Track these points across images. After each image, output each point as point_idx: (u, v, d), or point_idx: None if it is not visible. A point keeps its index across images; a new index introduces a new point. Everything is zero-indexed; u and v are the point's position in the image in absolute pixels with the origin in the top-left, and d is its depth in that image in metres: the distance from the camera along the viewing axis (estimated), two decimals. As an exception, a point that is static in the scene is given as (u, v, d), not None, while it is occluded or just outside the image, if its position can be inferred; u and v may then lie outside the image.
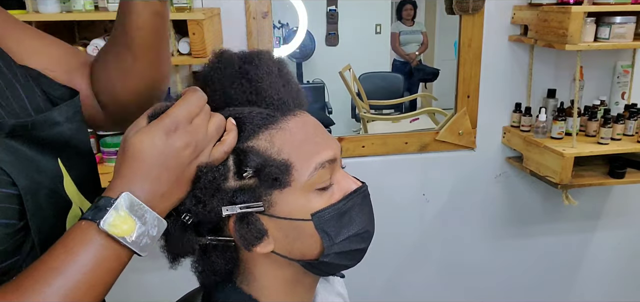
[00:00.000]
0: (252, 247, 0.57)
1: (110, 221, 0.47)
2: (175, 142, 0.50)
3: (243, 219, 0.56)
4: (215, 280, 0.61)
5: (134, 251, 0.49)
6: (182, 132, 0.50)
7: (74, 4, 1.37)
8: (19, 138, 0.51)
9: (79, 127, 0.60)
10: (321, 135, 0.59)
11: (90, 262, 0.46)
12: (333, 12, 4.17)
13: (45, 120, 0.54)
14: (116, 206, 0.47)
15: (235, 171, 0.55)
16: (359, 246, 0.61)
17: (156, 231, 0.50)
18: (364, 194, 0.61)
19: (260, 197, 0.55)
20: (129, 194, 0.48)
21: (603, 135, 1.68)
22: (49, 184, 0.53)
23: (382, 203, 1.92)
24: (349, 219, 0.59)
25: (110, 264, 0.48)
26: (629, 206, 2.15)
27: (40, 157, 0.53)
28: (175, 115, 0.50)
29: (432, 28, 4.50)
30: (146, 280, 1.67)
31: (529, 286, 2.21)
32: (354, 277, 0.92)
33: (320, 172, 0.56)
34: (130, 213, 0.48)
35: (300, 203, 0.56)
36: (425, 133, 1.91)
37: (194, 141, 0.51)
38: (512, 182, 2.00)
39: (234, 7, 1.64)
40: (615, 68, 1.90)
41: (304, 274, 0.62)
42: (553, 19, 1.56)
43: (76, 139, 0.59)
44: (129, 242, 0.48)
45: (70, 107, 0.58)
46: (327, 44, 4.23)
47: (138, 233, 0.48)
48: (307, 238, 0.57)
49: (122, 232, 0.47)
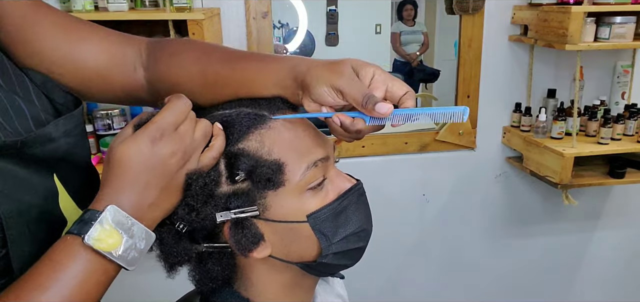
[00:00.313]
0: (248, 252, 0.56)
1: (95, 235, 0.45)
2: (162, 149, 0.49)
3: (238, 224, 0.55)
4: (212, 287, 0.60)
5: (121, 265, 0.47)
6: (168, 139, 0.49)
7: (74, 4, 1.37)
8: (9, 157, 0.48)
9: (77, 141, 0.57)
10: (312, 134, 0.58)
11: (76, 278, 0.45)
12: (333, 12, 4.17)
13: (38, 138, 0.51)
14: (101, 220, 0.46)
15: (227, 176, 0.54)
16: (357, 245, 0.60)
17: (144, 243, 0.49)
18: (359, 192, 0.60)
19: (255, 201, 0.54)
20: (114, 207, 0.46)
21: (603, 135, 1.68)
22: (40, 204, 0.51)
23: (382, 203, 1.93)
24: (346, 218, 0.58)
25: (97, 278, 0.46)
26: (629, 206, 2.15)
27: (33, 175, 0.51)
28: (160, 123, 0.49)
29: (432, 28, 4.50)
30: (146, 280, 1.67)
31: (529, 286, 2.21)
32: (353, 278, 0.92)
33: (313, 171, 0.55)
34: (116, 226, 0.46)
35: (294, 205, 0.55)
36: (425, 133, 1.91)
37: (180, 148, 0.50)
38: (512, 182, 2.00)
39: (234, 7, 1.64)
40: (615, 68, 1.90)
41: (302, 276, 0.61)
42: (553, 19, 1.56)
43: (74, 153, 0.57)
44: (115, 256, 0.46)
45: (69, 120, 0.56)
46: (327, 44, 4.23)
47: (125, 247, 0.47)
48: (304, 240, 0.57)
49: (108, 247, 0.46)
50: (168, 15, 1.37)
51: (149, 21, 1.48)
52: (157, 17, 1.38)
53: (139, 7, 1.47)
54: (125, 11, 1.38)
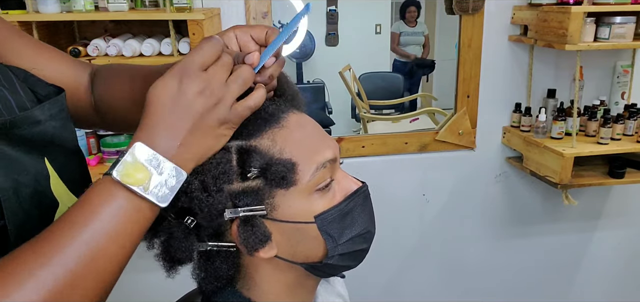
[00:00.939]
0: (254, 251, 0.56)
1: (122, 170, 0.46)
2: (187, 87, 0.48)
3: (247, 222, 0.55)
4: (216, 286, 0.60)
5: (153, 201, 0.47)
6: (193, 77, 0.48)
7: (74, 4, 1.37)
8: (0, 138, 0.50)
9: (63, 124, 0.58)
10: (320, 135, 0.59)
11: (108, 214, 0.45)
12: (333, 12, 4.17)
13: (25, 119, 0.52)
14: (127, 156, 0.46)
15: (239, 172, 0.54)
16: (362, 247, 0.61)
17: (175, 180, 0.48)
18: (365, 194, 0.61)
19: (263, 201, 0.55)
20: (140, 144, 0.47)
21: (603, 135, 1.68)
22: (32, 184, 0.52)
23: (382, 203, 1.92)
24: (352, 220, 0.59)
25: (130, 215, 0.47)
26: (628, 206, 2.15)
27: (24, 157, 0.52)
28: (186, 62, 0.49)
29: (432, 28, 4.50)
30: (146, 280, 1.67)
31: (529, 286, 2.21)
32: (354, 278, 0.92)
33: (322, 172, 0.56)
34: (144, 162, 0.47)
35: (302, 206, 0.56)
36: (425, 133, 1.91)
37: (208, 88, 0.49)
38: (512, 182, 2.00)
39: (234, 7, 1.64)
40: (615, 68, 1.90)
41: (306, 277, 0.62)
42: (553, 19, 1.56)
43: (61, 137, 0.58)
44: (144, 192, 0.47)
45: (54, 104, 0.57)
46: (327, 44, 4.23)
47: (154, 183, 0.47)
48: (311, 241, 0.57)
49: (136, 181, 0.46)
50: (168, 15, 1.38)
51: (149, 21, 1.48)
52: (157, 17, 1.38)
53: (139, 7, 1.47)
54: (125, 11, 1.39)
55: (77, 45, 1.42)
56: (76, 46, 1.41)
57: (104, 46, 1.43)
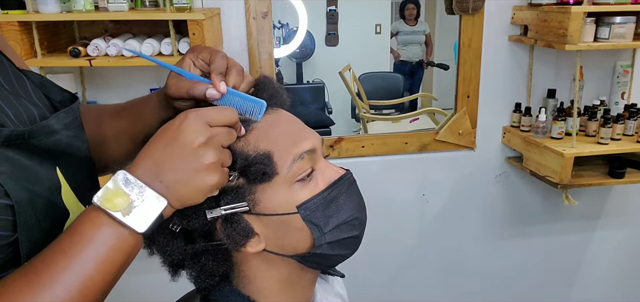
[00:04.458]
0: (240, 247, 0.57)
1: (101, 195, 0.48)
2: (188, 122, 0.50)
3: (227, 219, 0.56)
4: (211, 284, 0.61)
5: (130, 226, 0.48)
6: (198, 121, 0.51)
7: (74, 4, 1.37)
8: (16, 147, 0.50)
9: (76, 134, 0.60)
10: (298, 128, 0.60)
11: (90, 241, 0.47)
12: (333, 12, 4.17)
13: (42, 129, 0.53)
14: (110, 182, 0.48)
15: None
16: (351, 234, 0.61)
17: (155, 209, 0.49)
18: (349, 181, 0.61)
19: (244, 197, 0.56)
20: (124, 171, 0.49)
21: (603, 135, 1.68)
22: (46, 194, 0.53)
23: (382, 203, 1.93)
24: (337, 207, 0.59)
25: (112, 243, 0.47)
26: (628, 206, 2.15)
27: (38, 166, 0.53)
28: (202, 110, 0.52)
29: (432, 28, 4.50)
30: (146, 280, 1.67)
31: (529, 285, 2.21)
32: (353, 277, 0.92)
33: (300, 163, 0.57)
34: (124, 188, 0.48)
35: (284, 197, 0.57)
36: (425, 133, 1.91)
37: (207, 134, 0.50)
38: (512, 182, 2.00)
39: (234, 7, 1.64)
40: (615, 68, 1.90)
41: (300, 272, 0.62)
42: (553, 19, 1.56)
43: (74, 146, 0.59)
44: (123, 217, 0.47)
45: (68, 114, 0.58)
46: (327, 44, 4.23)
47: (133, 209, 0.48)
48: (296, 232, 0.58)
49: (114, 206, 0.47)
50: (168, 15, 1.38)
51: (149, 21, 1.48)
52: (157, 17, 1.38)
53: (139, 7, 1.47)
54: (125, 11, 1.38)
55: (77, 45, 1.42)
56: (76, 46, 1.41)
57: (104, 46, 1.43)
